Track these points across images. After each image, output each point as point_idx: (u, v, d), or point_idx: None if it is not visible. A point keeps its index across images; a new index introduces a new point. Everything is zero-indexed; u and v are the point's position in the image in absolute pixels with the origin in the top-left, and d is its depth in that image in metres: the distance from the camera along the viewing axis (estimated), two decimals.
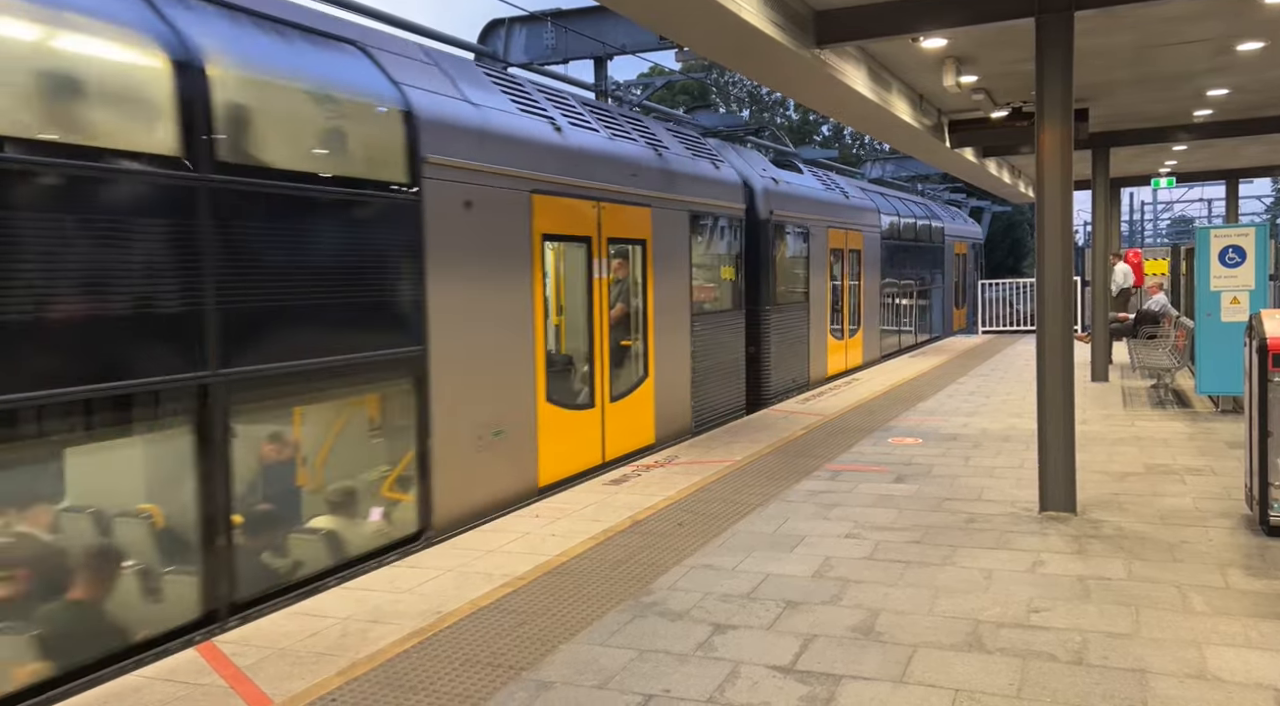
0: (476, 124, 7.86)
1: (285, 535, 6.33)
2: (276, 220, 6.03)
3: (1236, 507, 7.04)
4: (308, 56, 6.61)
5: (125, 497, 5.56)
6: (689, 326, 11.49)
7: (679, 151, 11.71)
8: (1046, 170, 7.26)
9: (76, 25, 5.10)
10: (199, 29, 5.66)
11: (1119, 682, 4.22)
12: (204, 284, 5.46)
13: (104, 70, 5.30)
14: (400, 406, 7.16)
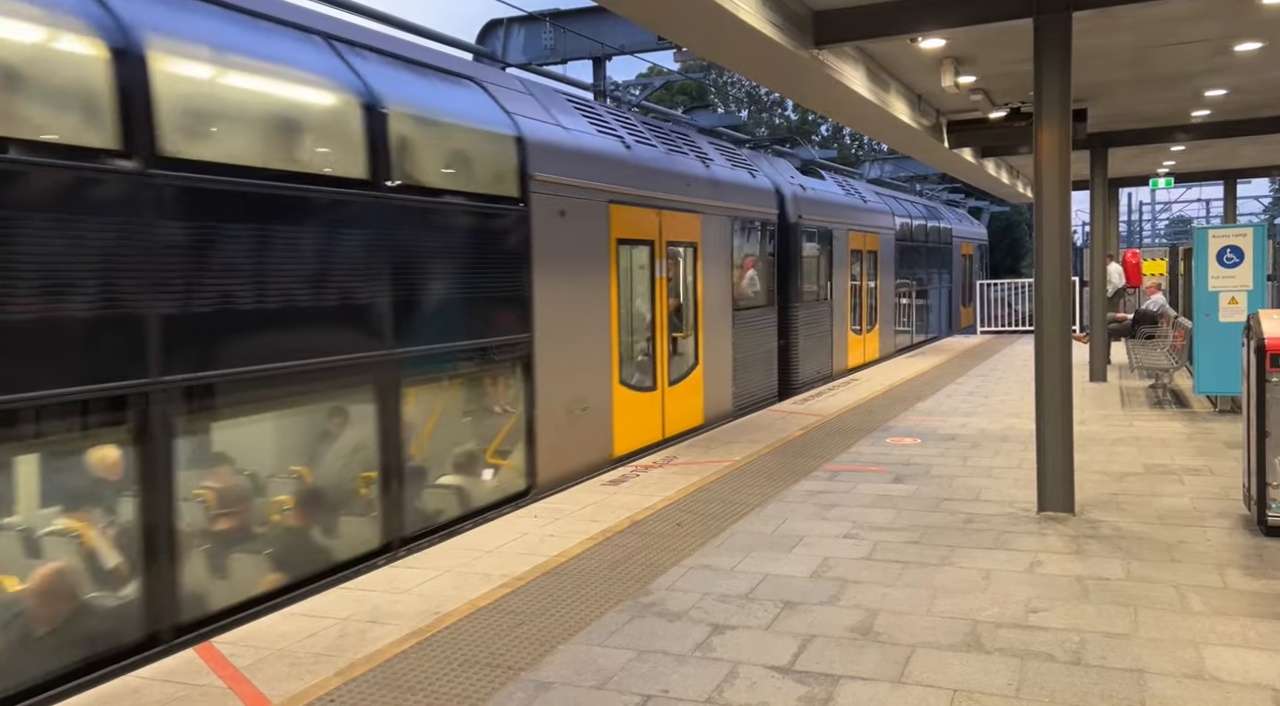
0: (566, 145, 9.25)
1: (436, 485, 7.70)
2: (429, 230, 7.42)
3: (1234, 508, 7.05)
4: (443, 94, 8.10)
5: (348, 454, 6.97)
6: (730, 320, 12.83)
7: (722, 163, 13.08)
8: (1045, 170, 7.27)
9: (295, 78, 6.67)
10: (379, 78, 7.15)
11: (1117, 682, 4.22)
12: (382, 281, 6.85)
13: (329, 113, 6.91)
14: (514, 383, 8.59)
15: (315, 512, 6.66)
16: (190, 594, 5.49)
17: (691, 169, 11.90)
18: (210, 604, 5.64)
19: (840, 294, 17.27)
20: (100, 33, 5.15)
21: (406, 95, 7.45)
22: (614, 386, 9.96)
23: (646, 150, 10.93)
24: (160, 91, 5.35)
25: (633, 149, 10.55)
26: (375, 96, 6.91)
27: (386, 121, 6.96)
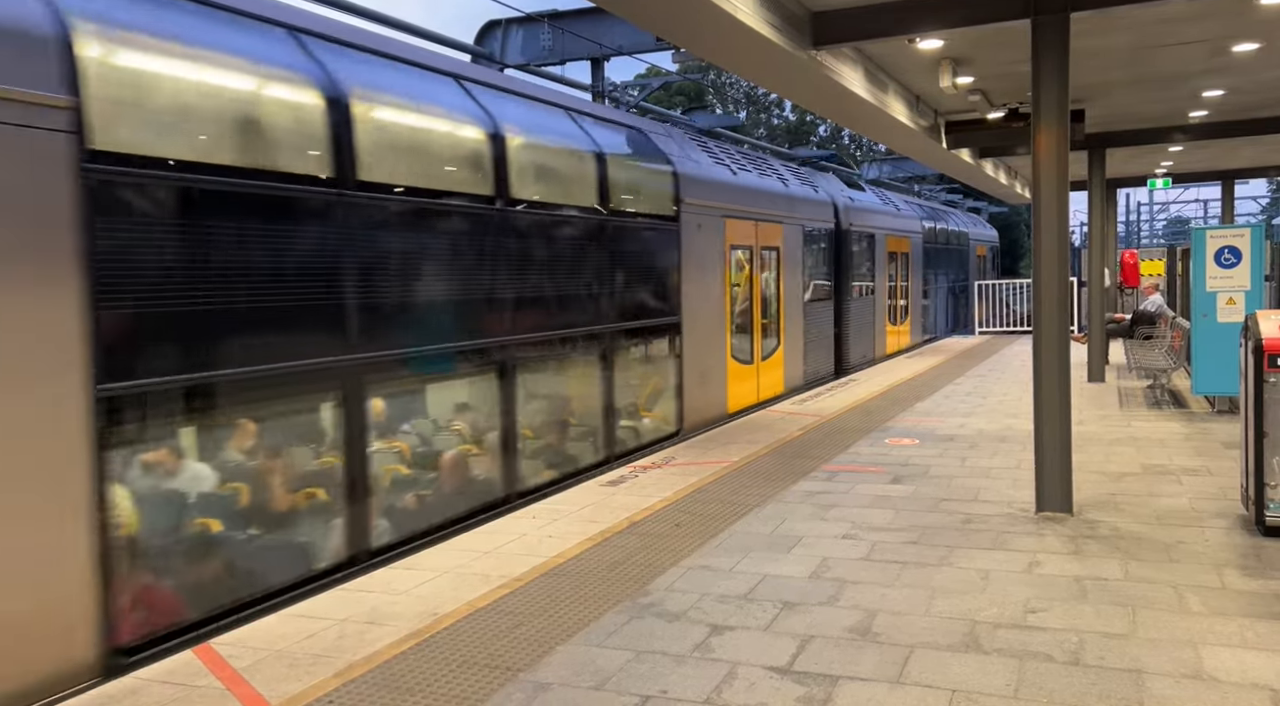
0: (699, 175, 12.25)
1: (628, 424, 10.63)
2: (630, 241, 10.49)
3: (1232, 508, 7.05)
4: (630, 143, 11.18)
5: (595, 394, 10.05)
6: (802, 311, 15.84)
7: (794, 181, 16.08)
8: (1043, 171, 7.27)
9: (563, 143, 9.61)
10: (602, 136, 10.14)
11: (1115, 683, 4.23)
12: (605, 277, 9.91)
13: (580, 165, 9.87)
14: (668, 351, 11.58)
15: (580, 428, 9.88)
16: (521, 475, 8.64)
17: (774, 188, 14.90)
18: (534, 482, 8.83)
19: (881, 290, 20.12)
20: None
21: (615, 147, 10.54)
22: (727, 358, 13.00)
23: (746, 175, 13.97)
24: (514, 155, 8.62)
25: (737, 175, 13.57)
26: (601, 150, 10.10)
27: (608, 166, 10.05)
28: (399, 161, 7.37)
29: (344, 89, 6.77)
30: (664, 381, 11.44)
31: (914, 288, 22.57)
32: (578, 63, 14.01)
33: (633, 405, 10.78)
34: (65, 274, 4.86)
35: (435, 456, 7.85)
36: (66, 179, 4.86)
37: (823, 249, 16.86)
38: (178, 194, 5.55)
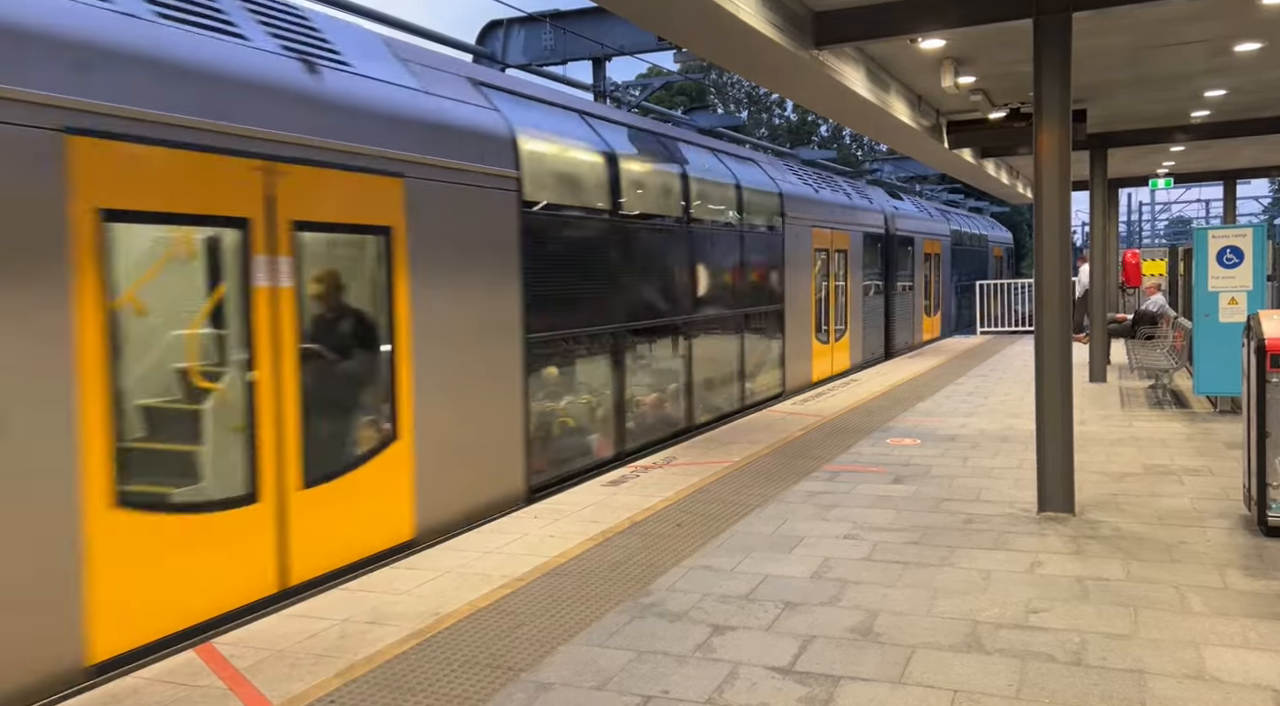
0: (794, 193, 15.33)
1: (753, 381, 13.74)
2: (756, 246, 13.69)
3: (1234, 508, 7.05)
4: (752, 173, 14.14)
5: (732, 360, 13.24)
6: (862, 302, 18.81)
7: (855, 195, 19.34)
8: (1044, 171, 7.27)
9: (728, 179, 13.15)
10: (742, 172, 13.47)
11: (1117, 683, 4.22)
12: (742, 272, 13.12)
13: (723, 193, 13.07)
14: (776, 331, 14.60)
15: (726, 384, 12.95)
16: (694, 414, 11.82)
17: (843, 201, 18.12)
18: (700, 420, 12.00)
19: (919, 286, 23.21)
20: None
21: (745, 177, 13.66)
22: (813, 339, 16.16)
23: (824, 192, 17.17)
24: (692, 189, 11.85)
25: (818, 193, 16.79)
26: (740, 181, 13.39)
27: (742, 192, 13.34)
28: (638, 196, 10.76)
29: (614, 150, 10.28)
30: (773, 354, 14.66)
31: (945, 284, 25.73)
32: (579, 62, 14.02)
33: (755, 370, 13.99)
34: (515, 272, 8.35)
35: (653, 394, 11.27)
36: (516, 217, 8.34)
37: (876, 251, 19.89)
38: (554, 222, 9.05)
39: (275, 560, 5.93)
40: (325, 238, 6.56)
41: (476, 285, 7.86)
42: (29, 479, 4.63)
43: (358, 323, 6.88)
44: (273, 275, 5.97)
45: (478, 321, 7.90)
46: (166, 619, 5.27)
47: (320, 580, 6.20)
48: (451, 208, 7.62)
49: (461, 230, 7.74)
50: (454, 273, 7.62)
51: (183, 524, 5.36)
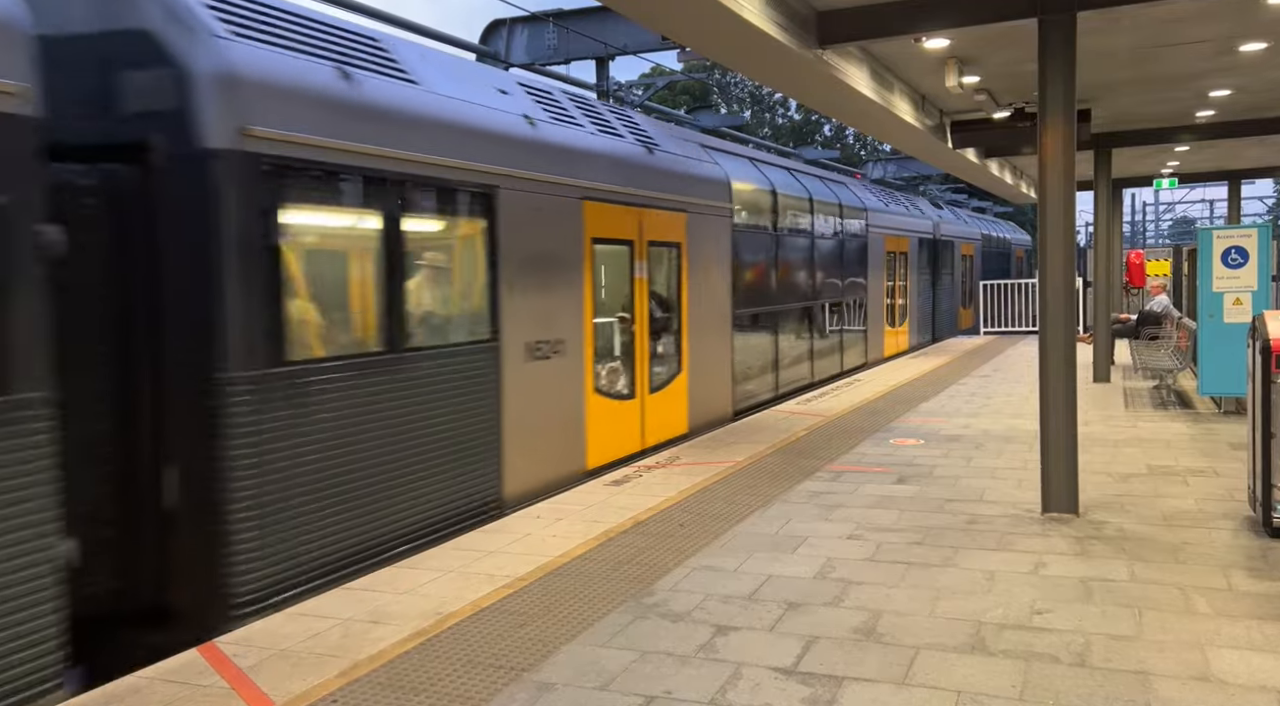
0: (875, 208, 19.43)
1: (845, 353, 17.61)
2: (852, 252, 17.79)
3: (1239, 509, 7.03)
4: (848, 193, 18.28)
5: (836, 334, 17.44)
6: (916, 296, 22.78)
7: (912, 206, 23.54)
8: (1049, 171, 7.25)
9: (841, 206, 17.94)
10: (838, 191, 17.75)
11: (1122, 684, 4.21)
12: (844, 272, 17.27)
13: (834, 214, 17.59)
14: (861, 316, 18.41)
15: (830, 353, 16.79)
16: (815, 373, 16.10)
17: (903, 212, 22.07)
18: (820, 377, 16.29)
19: (957, 283, 27.06)
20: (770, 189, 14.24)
21: (845, 197, 17.74)
22: (884, 324, 20.17)
23: (894, 206, 21.50)
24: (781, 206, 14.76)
25: (888, 207, 20.88)
26: (841, 201, 17.29)
27: (843, 210, 17.31)
28: (786, 215, 14.84)
29: (773, 185, 14.44)
30: (860, 333, 18.60)
31: (976, 282, 28.88)
32: (582, 62, 14.01)
33: (850, 344, 18.00)
34: (727, 268, 12.44)
35: (793, 355, 15.20)
36: (729, 234, 12.48)
37: (925, 254, 23.55)
38: (745, 236, 13.07)
39: (640, 430, 10.35)
40: (656, 250, 10.79)
41: (715, 278, 12.27)
42: (573, 379, 9.10)
43: (666, 300, 11.13)
44: (641, 271, 10.48)
45: (713, 300, 12.16)
46: (611, 453, 9.73)
47: (653, 449, 10.49)
48: (706, 230, 11.92)
49: (708, 243, 11.99)
50: (704, 270, 11.89)
51: (614, 405, 9.92)
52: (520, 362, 8.23)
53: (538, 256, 8.51)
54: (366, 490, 6.44)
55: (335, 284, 6.63)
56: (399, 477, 6.74)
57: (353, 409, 6.33)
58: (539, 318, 8.52)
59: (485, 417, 7.76)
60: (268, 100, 5.71)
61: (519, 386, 8.20)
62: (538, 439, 8.46)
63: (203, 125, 5.41)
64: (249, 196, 5.60)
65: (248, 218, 5.58)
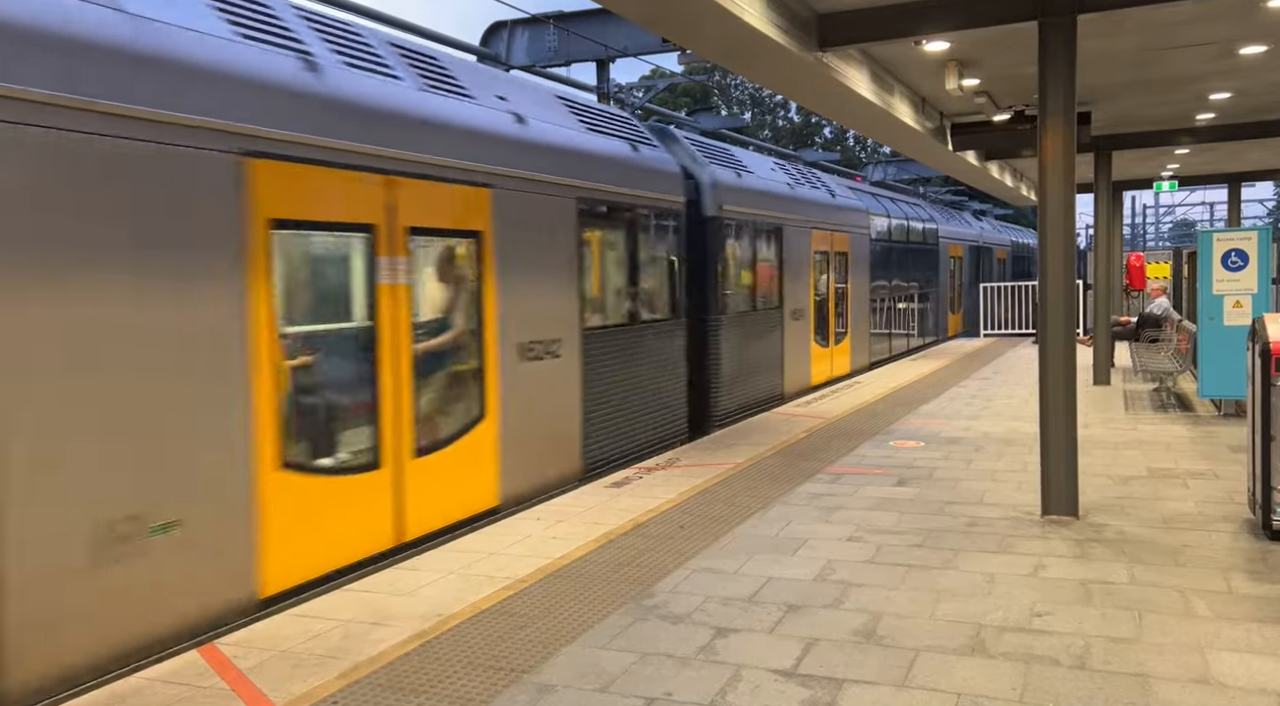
0: (941, 222, 25.71)
1: (926, 331, 24.47)
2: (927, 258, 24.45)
3: (1239, 512, 7.03)
4: (918, 211, 24.47)
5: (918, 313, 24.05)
6: (966, 291, 28.32)
7: (964, 220, 30.08)
8: (1049, 173, 7.26)
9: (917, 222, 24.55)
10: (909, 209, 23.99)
11: (1122, 687, 4.21)
12: (927, 272, 24.48)
13: (919, 231, 24.60)
14: (935, 304, 25.00)
15: (912, 331, 23.04)
16: (898, 348, 21.88)
17: (958, 223, 28.30)
18: (907, 348, 22.54)
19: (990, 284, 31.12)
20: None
21: (920, 215, 24.08)
22: (948, 312, 26.03)
23: (951, 220, 27.50)
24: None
25: (948, 221, 26.46)
26: (921, 219, 23.96)
27: (924, 226, 23.96)
28: (894, 230, 20.80)
29: (887, 210, 20.73)
30: (933, 318, 24.66)
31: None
32: (583, 64, 14.02)
33: (931, 326, 24.49)
34: (867, 268, 18.95)
35: (899, 331, 21.24)
36: (869, 244, 18.97)
37: (973, 258, 29.59)
38: (874, 246, 19.42)
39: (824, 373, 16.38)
40: (832, 257, 16.65)
41: (861, 275, 18.32)
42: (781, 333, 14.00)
43: (841, 290, 17.37)
44: (820, 271, 16.21)
45: (862, 288, 18.32)
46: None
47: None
48: (863, 245, 18.30)
49: (862, 255, 18.15)
50: (862, 274, 18.29)
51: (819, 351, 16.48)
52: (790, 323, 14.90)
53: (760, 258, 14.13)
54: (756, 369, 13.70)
55: (741, 274, 13.25)
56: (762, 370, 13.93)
57: (745, 339, 13.24)
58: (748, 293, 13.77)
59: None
60: (727, 195, 12.54)
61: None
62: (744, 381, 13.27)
63: (705, 205, 12.15)
64: (719, 236, 12.32)
65: (718, 245, 12.34)
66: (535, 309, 8.43)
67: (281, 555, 5.84)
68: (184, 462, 5.26)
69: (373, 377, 6.63)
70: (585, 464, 9.27)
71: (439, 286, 7.52)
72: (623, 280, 10.23)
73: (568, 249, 8.90)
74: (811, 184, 16.29)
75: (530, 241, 8.36)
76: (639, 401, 10.34)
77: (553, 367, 8.65)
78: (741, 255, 13.12)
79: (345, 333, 6.69)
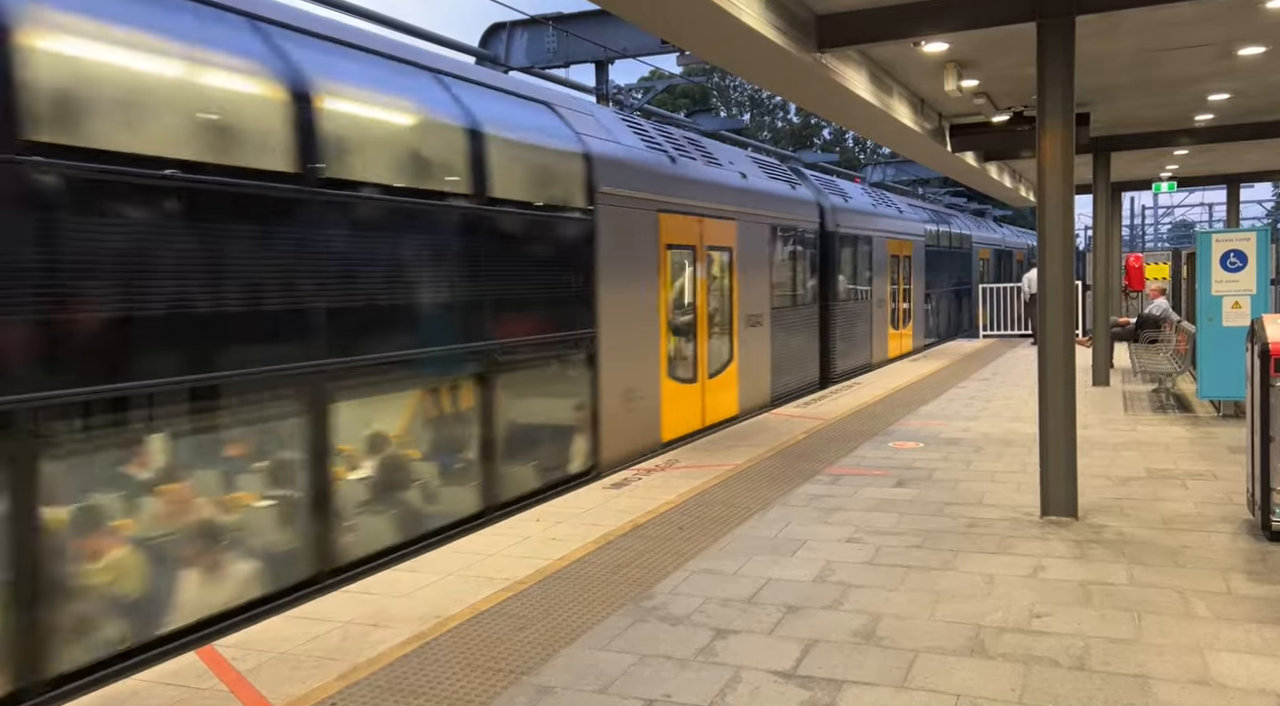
0: (972, 229, 31.37)
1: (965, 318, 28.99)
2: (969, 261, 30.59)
3: (1238, 512, 7.03)
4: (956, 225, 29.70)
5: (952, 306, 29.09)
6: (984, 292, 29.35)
7: (990, 227, 35.75)
8: (1048, 174, 7.26)
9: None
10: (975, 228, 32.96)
11: (1121, 688, 4.21)
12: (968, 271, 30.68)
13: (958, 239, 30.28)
14: (966, 298, 28.98)
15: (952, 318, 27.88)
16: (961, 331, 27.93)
17: (988, 229, 33.45)
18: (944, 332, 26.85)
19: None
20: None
21: (959, 225, 29.53)
22: (978, 304, 25.78)
23: (980, 228, 32.30)
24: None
25: (975, 230, 30.87)
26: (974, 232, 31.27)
27: (963, 237, 29.58)
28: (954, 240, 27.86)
29: (968, 229, 30.58)
30: (969, 310, 27.01)
31: None
32: (582, 65, 14.03)
33: (963, 316, 27.67)
34: (922, 270, 23.82)
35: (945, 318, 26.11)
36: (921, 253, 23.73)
37: (997, 259, 33.68)
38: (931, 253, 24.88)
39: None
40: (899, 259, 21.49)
41: (919, 274, 22.57)
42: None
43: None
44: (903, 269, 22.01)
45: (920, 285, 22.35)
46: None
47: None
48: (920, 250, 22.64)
49: (920, 258, 22.74)
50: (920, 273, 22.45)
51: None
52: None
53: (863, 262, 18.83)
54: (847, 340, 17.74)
55: (847, 272, 17.58)
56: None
57: (850, 320, 17.89)
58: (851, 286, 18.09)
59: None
60: (840, 216, 17.24)
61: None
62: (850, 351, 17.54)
63: (827, 225, 16.75)
64: (834, 245, 16.99)
65: (833, 251, 17.03)
66: (753, 294, 13.57)
67: (668, 422, 11.05)
68: (645, 370, 10.55)
69: (695, 333, 11.95)
70: (772, 396, 14.30)
71: (714, 280, 12.54)
72: (789, 276, 15.36)
73: (767, 256, 14.16)
74: (886, 204, 21.58)
75: (751, 253, 13.55)
76: (798, 357, 15.57)
77: (759, 332, 13.86)
78: (846, 258, 18.00)
79: (688, 306, 11.89)
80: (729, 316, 12.92)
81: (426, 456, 7.62)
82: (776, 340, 14.39)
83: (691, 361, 11.79)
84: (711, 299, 12.45)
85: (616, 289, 9.74)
